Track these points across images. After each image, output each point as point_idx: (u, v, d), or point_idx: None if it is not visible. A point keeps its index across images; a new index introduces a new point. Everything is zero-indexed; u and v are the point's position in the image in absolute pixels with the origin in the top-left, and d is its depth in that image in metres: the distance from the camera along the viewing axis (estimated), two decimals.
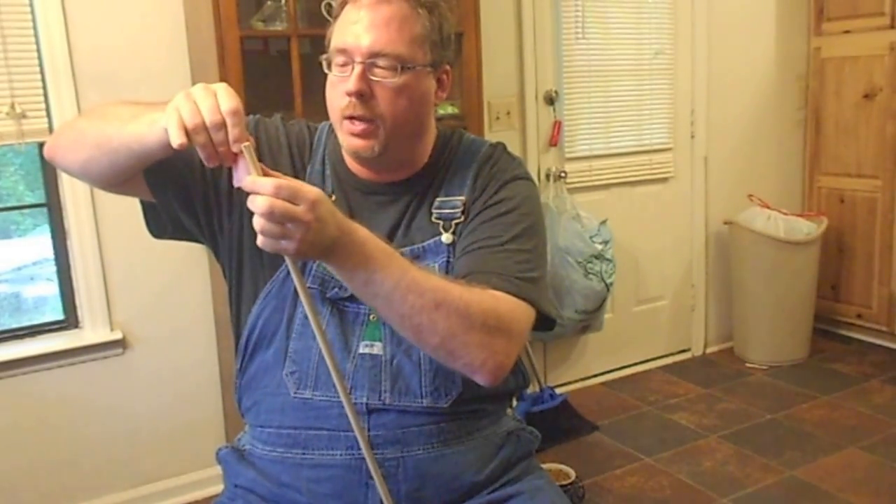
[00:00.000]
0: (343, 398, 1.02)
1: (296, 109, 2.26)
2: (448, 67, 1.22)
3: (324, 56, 1.17)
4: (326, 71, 1.17)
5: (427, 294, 1.01)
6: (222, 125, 0.93)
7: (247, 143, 0.94)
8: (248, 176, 0.93)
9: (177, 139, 0.94)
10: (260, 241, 0.93)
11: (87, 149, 1.10)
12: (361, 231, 1.00)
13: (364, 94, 1.12)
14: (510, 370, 1.13)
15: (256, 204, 0.90)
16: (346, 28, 1.13)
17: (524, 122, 3.15)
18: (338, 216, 0.97)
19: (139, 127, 1.02)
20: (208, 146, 0.94)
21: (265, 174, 0.93)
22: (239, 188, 0.95)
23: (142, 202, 1.23)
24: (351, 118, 1.14)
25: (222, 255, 1.26)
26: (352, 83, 1.12)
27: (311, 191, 0.93)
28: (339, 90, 1.14)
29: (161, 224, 1.24)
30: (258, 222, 0.91)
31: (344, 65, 1.14)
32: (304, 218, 0.91)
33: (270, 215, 0.90)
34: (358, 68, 1.12)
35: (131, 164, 1.08)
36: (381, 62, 1.12)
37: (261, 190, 0.91)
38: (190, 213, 1.21)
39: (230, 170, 0.98)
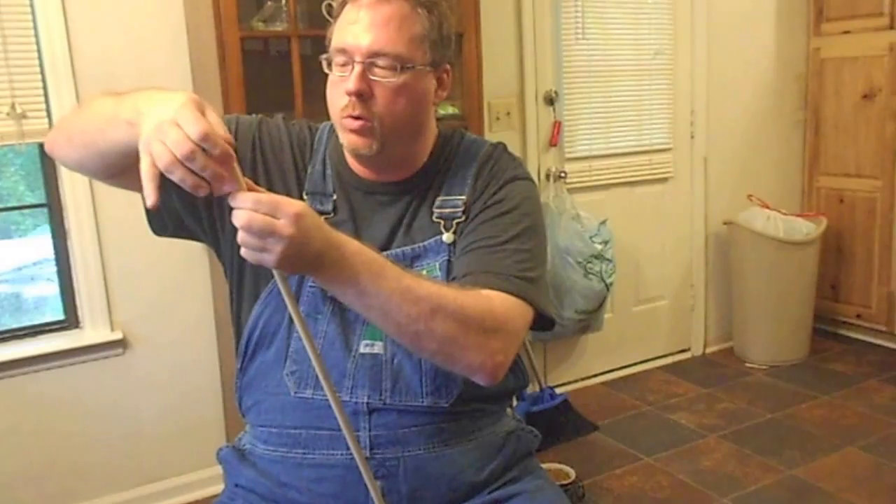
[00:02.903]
0: (333, 402, 1.01)
1: (296, 110, 2.26)
2: (448, 67, 1.22)
3: (324, 56, 1.18)
4: (327, 71, 1.17)
5: (422, 302, 1.01)
6: (195, 152, 0.87)
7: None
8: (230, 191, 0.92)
9: (149, 199, 0.89)
10: (243, 251, 0.93)
11: (78, 148, 1.10)
12: (351, 244, 0.99)
13: (364, 94, 1.12)
14: (510, 369, 1.14)
15: (237, 217, 0.91)
16: (345, 28, 1.14)
17: (524, 123, 3.15)
18: (325, 230, 0.97)
19: (117, 133, 0.99)
20: (188, 178, 0.88)
21: (249, 189, 0.93)
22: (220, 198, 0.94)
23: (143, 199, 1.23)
24: (350, 116, 1.14)
25: (224, 254, 1.26)
26: (351, 83, 1.12)
27: (292, 205, 0.92)
28: (339, 90, 1.15)
29: (162, 222, 1.24)
30: (240, 235, 0.92)
31: (344, 65, 1.14)
32: (284, 232, 0.91)
33: (249, 229, 0.90)
34: (357, 68, 1.12)
35: (122, 161, 1.06)
36: (380, 62, 1.12)
37: (241, 204, 0.91)
38: (191, 212, 1.21)
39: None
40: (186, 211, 1.21)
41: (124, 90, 1.05)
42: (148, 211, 1.24)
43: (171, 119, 0.88)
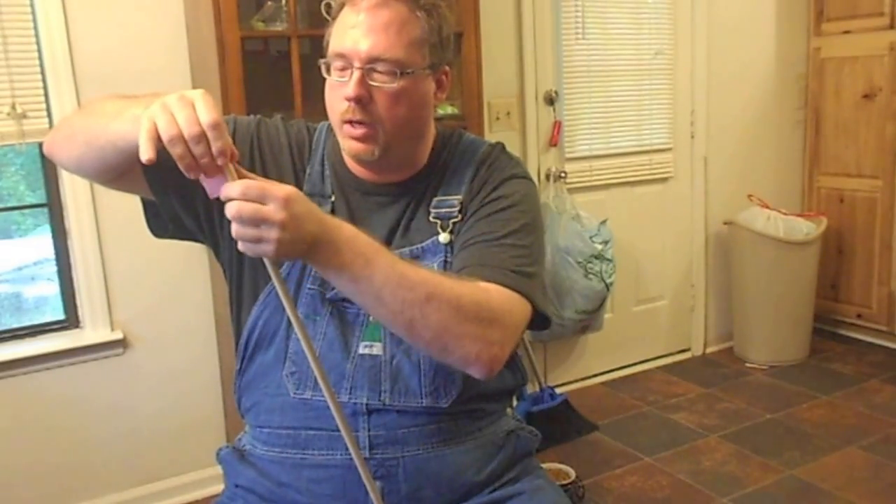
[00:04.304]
0: (331, 403, 1.01)
1: (296, 110, 2.26)
2: (447, 68, 1.22)
3: (322, 60, 1.17)
4: (325, 75, 1.17)
5: (418, 287, 1.00)
6: (202, 137, 0.90)
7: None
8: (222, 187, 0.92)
9: (145, 153, 0.91)
10: (240, 246, 0.93)
11: (79, 146, 1.10)
12: (346, 228, 0.99)
13: (363, 100, 1.12)
14: (506, 364, 1.13)
15: (228, 209, 0.91)
16: (344, 32, 1.13)
17: (524, 123, 3.15)
18: (317, 213, 0.96)
19: (122, 125, 1.01)
20: (186, 157, 0.91)
21: (241, 177, 0.93)
22: (216, 199, 0.94)
23: (143, 201, 1.23)
24: (350, 122, 1.14)
25: (223, 255, 1.26)
26: (350, 89, 1.11)
27: (281, 189, 0.92)
28: (338, 94, 1.14)
29: (162, 223, 1.24)
30: (233, 228, 0.91)
31: (343, 69, 1.14)
32: (275, 217, 0.90)
33: (240, 218, 0.90)
34: (357, 74, 1.11)
35: (121, 161, 1.07)
36: (379, 67, 1.12)
37: (230, 194, 0.91)
38: (190, 213, 1.21)
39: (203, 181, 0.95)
40: (185, 211, 1.21)
41: (132, 94, 1.05)
42: (147, 214, 1.25)
43: (187, 98, 0.91)
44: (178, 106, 0.91)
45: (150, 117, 0.92)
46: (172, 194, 1.18)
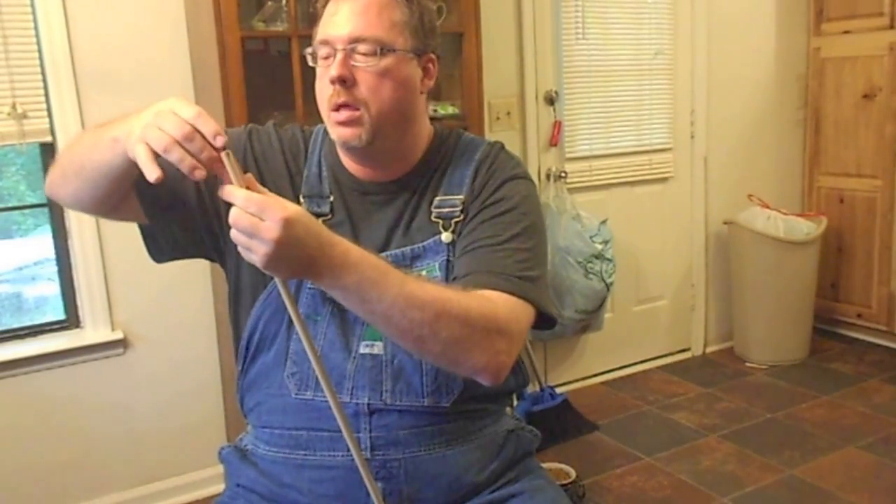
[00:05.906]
0: (332, 404, 1.01)
1: (296, 110, 2.26)
2: (433, 56, 1.23)
3: (308, 50, 1.19)
4: (312, 64, 1.19)
5: (427, 307, 1.00)
6: (194, 133, 0.92)
7: (227, 151, 0.93)
8: (225, 186, 0.93)
9: (151, 173, 0.92)
10: (239, 247, 0.94)
11: (71, 181, 1.12)
12: (354, 251, 0.99)
13: (346, 80, 1.13)
14: (511, 369, 1.14)
15: (230, 213, 0.92)
16: (327, 21, 1.16)
17: (524, 123, 3.15)
18: (320, 236, 0.96)
19: (102, 153, 1.03)
20: (186, 158, 0.92)
21: (248, 186, 0.93)
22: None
23: (140, 227, 1.23)
24: (336, 108, 1.15)
25: (226, 256, 1.26)
26: (334, 69, 1.13)
27: (282, 209, 0.91)
28: (324, 82, 1.16)
29: (159, 247, 1.25)
30: (231, 231, 0.92)
31: (327, 57, 1.16)
32: (267, 235, 0.90)
33: (236, 227, 0.91)
34: (339, 55, 1.14)
35: (113, 187, 1.09)
36: (361, 48, 1.14)
37: (233, 200, 0.92)
38: (189, 227, 1.21)
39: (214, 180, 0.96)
40: (183, 226, 1.21)
41: (107, 121, 1.07)
42: (146, 240, 1.25)
43: (167, 109, 0.93)
44: (159, 119, 0.93)
45: (140, 140, 0.93)
46: (169, 213, 1.19)
